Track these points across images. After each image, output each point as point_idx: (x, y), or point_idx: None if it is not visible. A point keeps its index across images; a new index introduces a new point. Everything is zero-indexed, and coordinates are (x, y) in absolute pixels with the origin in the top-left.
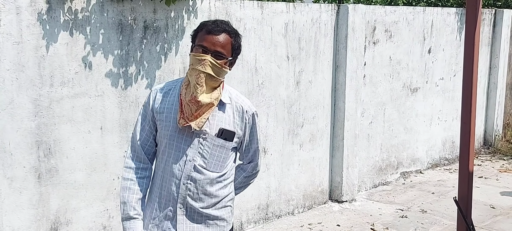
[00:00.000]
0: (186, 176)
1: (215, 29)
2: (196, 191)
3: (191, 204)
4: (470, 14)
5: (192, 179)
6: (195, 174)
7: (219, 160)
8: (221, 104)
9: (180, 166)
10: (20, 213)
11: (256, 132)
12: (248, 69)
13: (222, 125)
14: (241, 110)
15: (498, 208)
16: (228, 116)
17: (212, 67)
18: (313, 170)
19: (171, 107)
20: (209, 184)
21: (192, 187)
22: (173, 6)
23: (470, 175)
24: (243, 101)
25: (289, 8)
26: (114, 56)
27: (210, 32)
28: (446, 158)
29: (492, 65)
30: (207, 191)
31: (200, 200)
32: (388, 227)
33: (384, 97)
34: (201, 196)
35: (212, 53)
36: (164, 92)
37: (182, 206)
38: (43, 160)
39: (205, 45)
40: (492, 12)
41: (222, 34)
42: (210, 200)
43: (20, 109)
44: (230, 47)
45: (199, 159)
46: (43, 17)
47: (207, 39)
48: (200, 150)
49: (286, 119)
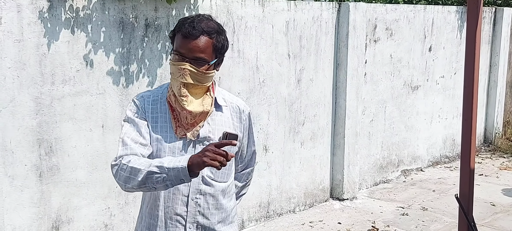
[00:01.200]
0: (194, 191)
1: (191, 32)
2: (207, 206)
3: (202, 223)
4: (472, 12)
5: (201, 193)
6: (204, 187)
7: (226, 168)
8: (217, 107)
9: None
10: (22, 212)
11: (252, 132)
12: (249, 67)
13: (224, 129)
14: (238, 111)
15: (498, 206)
16: (227, 118)
17: (193, 76)
18: (314, 168)
19: (165, 117)
20: (219, 196)
21: (202, 201)
22: (174, 4)
23: (471, 172)
24: (238, 101)
25: (290, 6)
26: (115, 54)
27: (186, 36)
28: (446, 155)
29: (492, 63)
30: (217, 205)
31: (212, 216)
32: (389, 225)
33: (385, 95)
34: (213, 211)
35: (190, 60)
36: (151, 100)
37: (192, 225)
38: (44, 158)
39: (182, 51)
40: (492, 10)
41: (200, 37)
42: (220, 214)
43: (21, 107)
44: (211, 50)
45: (206, 170)
46: (44, 15)
47: (184, 44)
48: None
49: (287, 117)
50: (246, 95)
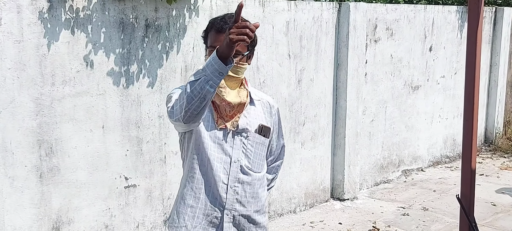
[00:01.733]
0: (233, 179)
1: (224, 26)
2: (245, 194)
3: (239, 210)
4: (473, 12)
5: (240, 181)
6: (242, 176)
7: (260, 158)
8: (251, 101)
9: (225, 169)
10: (22, 213)
11: (281, 127)
12: (250, 67)
13: (259, 121)
14: (268, 106)
15: (499, 206)
16: (260, 112)
17: None
18: (315, 168)
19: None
20: (256, 186)
21: (240, 190)
22: (174, 4)
23: (472, 172)
24: (267, 97)
25: (291, 6)
26: (115, 55)
27: (220, 31)
28: (447, 155)
29: (492, 63)
30: (254, 194)
31: (249, 204)
32: (390, 225)
33: (386, 95)
34: (249, 199)
35: None
36: None
37: (229, 212)
38: (44, 159)
39: (216, 45)
40: (492, 10)
41: None
42: (256, 203)
43: (21, 108)
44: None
45: (244, 159)
46: (44, 16)
47: (219, 39)
48: (243, 150)
49: (288, 117)
50: None
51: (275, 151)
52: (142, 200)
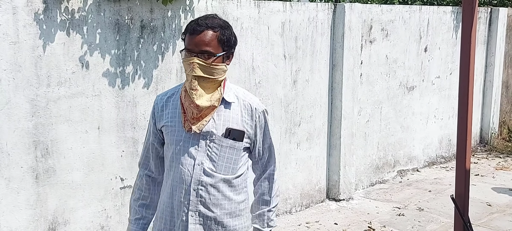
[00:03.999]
0: (196, 181)
1: (196, 28)
2: (208, 196)
3: (204, 212)
4: (467, 12)
5: (202, 184)
6: (205, 178)
7: (230, 162)
8: (226, 104)
9: (189, 171)
10: (18, 214)
11: (268, 130)
12: (245, 68)
13: (229, 125)
14: (249, 109)
15: (495, 206)
16: (236, 115)
17: (202, 68)
18: (311, 168)
19: (175, 112)
20: (222, 189)
21: (203, 192)
22: (170, 5)
23: (467, 172)
24: (251, 99)
25: (286, 7)
26: (111, 56)
27: (192, 33)
28: (442, 156)
29: (488, 64)
30: (219, 197)
31: (214, 206)
32: (385, 225)
33: (381, 96)
34: (214, 201)
35: (197, 53)
36: (166, 97)
37: (194, 214)
38: (40, 160)
39: (189, 48)
40: (488, 10)
41: (205, 32)
42: (225, 206)
43: (17, 109)
44: (217, 43)
45: (208, 162)
46: (40, 17)
47: (190, 41)
48: (208, 152)
49: (283, 117)
50: None
51: (263, 155)
52: None
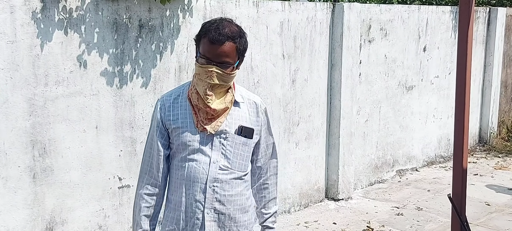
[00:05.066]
0: (212, 179)
1: (218, 39)
2: (224, 193)
3: (219, 209)
4: (463, 12)
5: (218, 181)
6: (221, 175)
7: (242, 158)
8: (235, 103)
9: (204, 169)
10: (15, 213)
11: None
12: (244, 68)
13: (240, 123)
14: (255, 106)
15: (493, 205)
16: (244, 113)
17: (219, 77)
18: (309, 168)
19: (185, 113)
20: (236, 185)
21: (219, 189)
22: (168, 4)
23: (464, 172)
24: (254, 97)
25: (285, 7)
26: (109, 55)
27: (213, 42)
28: (441, 155)
29: (487, 63)
30: (234, 193)
31: (228, 203)
32: (384, 225)
33: (380, 95)
34: (229, 198)
35: (217, 63)
36: (172, 99)
37: (210, 211)
38: (38, 159)
39: (209, 56)
40: (486, 10)
41: (226, 43)
42: (237, 202)
43: (14, 108)
44: (235, 53)
45: (223, 160)
46: (38, 16)
47: (211, 50)
48: (222, 150)
49: (282, 117)
50: None
51: (267, 151)
52: None
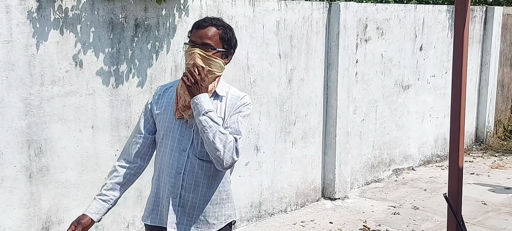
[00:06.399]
0: (181, 166)
1: (202, 24)
2: (191, 182)
3: (184, 197)
4: (459, 11)
5: (186, 169)
6: (190, 164)
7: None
8: (216, 96)
9: (175, 156)
10: (11, 213)
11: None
12: (240, 67)
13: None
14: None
15: (490, 204)
16: (221, 107)
17: (202, 59)
18: (306, 167)
19: (169, 101)
20: (205, 176)
21: (187, 177)
22: (164, 4)
23: (460, 171)
24: (240, 93)
25: (281, 6)
26: (105, 55)
27: (197, 27)
28: (438, 154)
29: (483, 62)
30: (201, 183)
31: (195, 191)
32: (381, 224)
33: (376, 94)
34: (195, 187)
35: (199, 45)
36: (165, 88)
37: (175, 196)
38: (34, 159)
39: (193, 40)
40: (483, 9)
41: (209, 27)
42: (205, 192)
43: (10, 108)
44: (218, 38)
45: (194, 148)
46: (33, 16)
47: (195, 34)
48: (195, 139)
49: (278, 116)
50: None
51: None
52: (132, 200)
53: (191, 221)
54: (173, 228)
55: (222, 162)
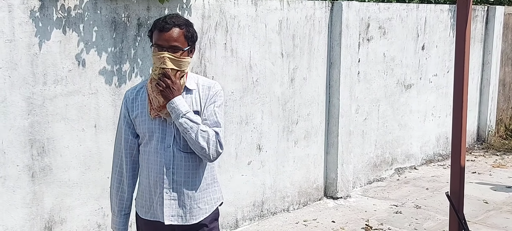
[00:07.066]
0: (169, 162)
1: (165, 26)
2: (181, 175)
3: (177, 189)
4: (461, 10)
5: (175, 164)
6: (177, 158)
7: None
8: (188, 90)
9: (161, 154)
10: (14, 212)
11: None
12: (243, 66)
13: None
14: (207, 90)
15: (491, 203)
16: (195, 99)
17: (171, 61)
18: (308, 166)
19: (144, 103)
20: (192, 166)
21: (177, 171)
22: (166, 3)
23: (462, 170)
24: (210, 82)
25: (283, 5)
26: (107, 54)
27: (162, 30)
28: (440, 153)
29: (485, 62)
30: (190, 173)
31: (186, 184)
32: (383, 223)
33: (378, 93)
34: (186, 179)
35: (167, 48)
36: (136, 92)
37: (168, 190)
38: (36, 158)
39: (160, 43)
40: (484, 9)
41: (172, 29)
42: (194, 181)
43: (13, 107)
44: (183, 38)
45: (177, 143)
46: (36, 15)
47: (161, 37)
48: (176, 136)
49: (281, 115)
50: (240, 95)
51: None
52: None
53: (186, 211)
54: (170, 221)
55: (209, 157)
